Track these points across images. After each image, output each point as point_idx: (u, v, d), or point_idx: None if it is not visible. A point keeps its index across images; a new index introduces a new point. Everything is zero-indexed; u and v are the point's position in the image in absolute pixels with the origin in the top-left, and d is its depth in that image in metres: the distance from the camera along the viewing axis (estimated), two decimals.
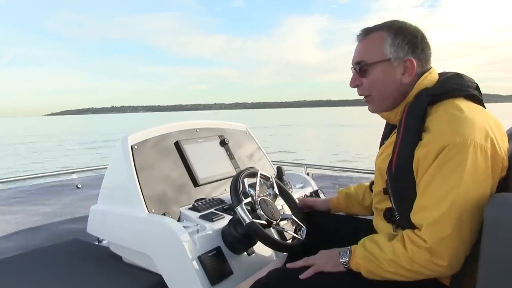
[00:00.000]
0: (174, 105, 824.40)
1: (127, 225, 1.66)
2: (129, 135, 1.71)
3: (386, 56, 1.24)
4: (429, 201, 1.07)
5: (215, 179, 1.94)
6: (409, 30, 1.24)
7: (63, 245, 2.12)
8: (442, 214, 1.03)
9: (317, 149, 20.95)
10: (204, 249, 1.46)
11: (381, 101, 1.30)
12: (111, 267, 1.76)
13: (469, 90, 1.20)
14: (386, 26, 1.26)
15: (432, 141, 1.08)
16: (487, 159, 1.05)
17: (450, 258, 1.04)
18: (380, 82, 1.27)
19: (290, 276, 1.27)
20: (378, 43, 1.25)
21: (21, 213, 2.66)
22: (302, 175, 2.43)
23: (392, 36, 1.23)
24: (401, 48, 1.22)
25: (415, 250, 1.07)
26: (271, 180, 1.72)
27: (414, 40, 1.23)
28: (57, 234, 2.66)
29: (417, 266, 1.08)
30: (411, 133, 1.14)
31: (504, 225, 0.93)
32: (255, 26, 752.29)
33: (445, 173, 1.05)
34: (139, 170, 1.65)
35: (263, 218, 1.45)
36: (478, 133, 1.05)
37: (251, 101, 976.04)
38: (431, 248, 1.04)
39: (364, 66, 1.28)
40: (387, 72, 1.25)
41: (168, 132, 1.89)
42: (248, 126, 2.42)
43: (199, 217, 1.63)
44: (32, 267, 1.78)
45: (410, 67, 1.23)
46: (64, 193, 2.87)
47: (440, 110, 1.13)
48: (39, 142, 31.16)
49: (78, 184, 2.89)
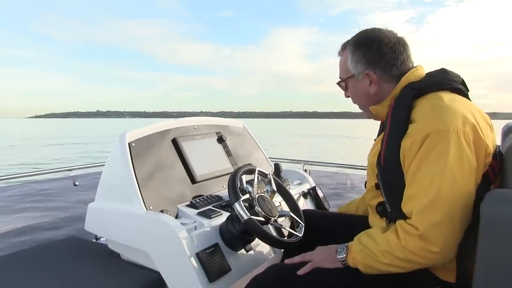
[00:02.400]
0: (160, 111, 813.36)
1: (125, 222, 1.66)
2: (127, 133, 1.71)
3: (351, 72, 1.37)
4: (417, 189, 1.10)
5: (213, 176, 1.95)
6: (364, 43, 1.32)
7: (61, 242, 2.12)
8: (430, 200, 1.06)
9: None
10: (202, 246, 1.46)
11: (364, 109, 1.42)
12: (109, 265, 1.76)
13: (453, 84, 1.24)
14: (350, 42, 1.37)
15: (416, 130, 1.12)
16: (469, 144, 1.08)
17: (442, 243, 1.05)
18: (355, 95, 1.41)
19: (287, 272, 1.28)
20: (344, 62, 1.39)
21: (18, 211, 2.65)
22: (299, 171, 2.43)
23: (350, 54, 1.35)
24: (359, 63, 1.33)
25: (407, 238, 1.09)
26: (268, 177, 1.72)
27: (369, 53, 1.30)
28: (55, 231, 2.66)
29: (411, 255, 1.09)
30: (398, 125, 1.18)
31: (501, 221, 0.94)
32: (244, 36, 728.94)
33: (430, 161, 1.08)
34: (137, 167, 1.65)
35: (260, 214, 1.46)
36: (460, 120, 1.09)
37: (238, 110, 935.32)
38: (422, 234, 1.06)
39: (342, 83, 1.44)
40: (356, 86, 1.38)
41: (166, 129, 1.89)
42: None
43: (197, 214, 1.64)
44: (30, 265, 1.78)
45: (372, 79, 1.32)
46: (61, 191, 2.87)
47: (424, 101, 1.18)
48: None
49: (76, 181, 2.88)
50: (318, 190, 2.24)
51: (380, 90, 1.32)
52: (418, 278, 1.18)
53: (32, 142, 33.76)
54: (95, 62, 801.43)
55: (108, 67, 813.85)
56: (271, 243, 1.53)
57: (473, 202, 1.07)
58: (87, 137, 38.85)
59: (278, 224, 1.56)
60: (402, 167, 1.16)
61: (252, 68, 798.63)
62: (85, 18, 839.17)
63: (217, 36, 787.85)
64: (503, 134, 1.47)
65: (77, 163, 3.92)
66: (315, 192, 2.22)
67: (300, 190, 2.18)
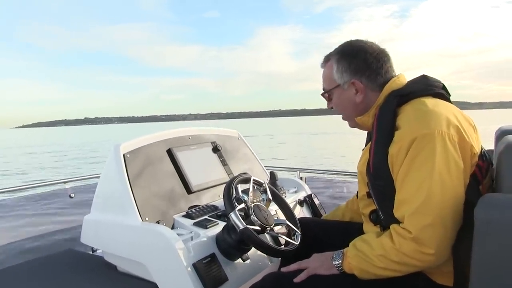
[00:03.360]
0: (148, 116, 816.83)
1: (121, 234, 1.65)
2: (121, 144, 1.71)
3: (336, 82, 1.37)
4: (407, 193, 1.11)
5: (208, 185, 1.95)
6: (349, 53, 1.34)
7: (58, 255, 2.10)
8: (420, 203, 1.07)
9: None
10: (198, 256, 1.46)
11: (349, 119, 1.43)
12: (106, 277, 1.75)
13: (434, 89, 1.26)
14: (334, 53, 1.38)
15: (402, 136, 1.13)
16: (455, 146, 1.10)
17: (436, 245, 1.06)
18: (340, 105, 1.41)
19: (284, 280, 1.27)
20: (329, 72, 1.39)
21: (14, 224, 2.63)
22: (295, 179, 2.44)
23: (336, 64, 1.36)
24: (345, 72, 1.34)
25: (401, 241, 1.10)
26: (264, 186, 1.72)
27: (354, 62, 1.32)
28: (51, 244, 2.64)
29: (405, 258, 1.10)
30: (384, 133, 1.19)
31: (494, 225, 0.95)
32: (230, 37, 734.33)
33: (418, 165, 1.09)
34: (132, 178, 1.65)
35: (256, 223, 1.46)
36: (444, 123, 1.11)
37: (226, 111, 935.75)
38: (416, 237, 1.07)
39: (326, 94, 1.44)
40: (341, 96, 1.38)
41: (160, 140, 1.89)
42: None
43: (193, 224, 1.63)
44: (27, 278, 1.77)
45: (358, 87, 1.33)
46: (57, 203, 2.86)
47: (408, 108, 1.20)
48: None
49: (71, 193, 2.87)
50: (314, 198, 2.24)
51: (366, 99, 1.34)
52: (414, 282, 1.18)
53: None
54: (82, 68, 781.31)
55: (95, 73, 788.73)
56: (267, 252, 1.52)
57: (463, 203, 1.08)
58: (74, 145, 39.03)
59: (275, 232, 1.56)
60: (392, 173, 1.17)
61: (239, 68, 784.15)
62: (70, 25, 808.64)
63: (203, 37, 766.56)
64: (496, 138, 1.48)
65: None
66: (311, 200, 2.22)
67: (296, 198, 2.19)
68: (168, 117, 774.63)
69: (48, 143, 49.10)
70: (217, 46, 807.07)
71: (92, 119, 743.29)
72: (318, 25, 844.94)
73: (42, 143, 51.02)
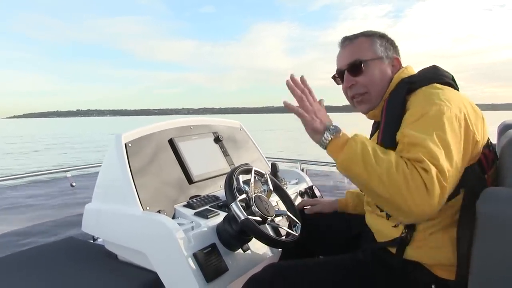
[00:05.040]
0: (141, 109, 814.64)
1: (122, 223, 1.65)
2: (123, 133, 1.71)
3: (379, 55, 1.35)
4: (420, 138, 1.02)
5: (210, 176, 1.95)
6: (380, 35, 1.39)
7: (59, 243, 2.11)
8: (439, 151, 0.99)
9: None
10: (199, 246, 1.46)
11: (378, 97, 1.34)
12: (106, 265, 1.76)
13: (444, 78, 1.25)
14: (367, 33, 1.38)
15: (410, 114, 1.12)
16: (461, 128, 1.06)
17: (442, 198, 0.97)
18: (377, 78, 1.34)
19: (285, 271, 1.28)
20: (369, 44, 1.36)
21: (15, 212, 2.64)
22: (296, 171, 2.43)
23: (379, 39, 1.37)
24: (389, 48, 1.37)
25: (416, 170, 0.97)
26: (265, 177, 1.72)
27: (394, 43, 1.40)
28: (52, 232, 2.65)
29: (408, 183, 0.96)
30: (393, 117, 1.18)
31: (496, 219, 0.95)
32: (225, 32, 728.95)
33: (428, 121, 1.05)
34: (133, 168, 1.65)
35: (257, 214, 1.46)
36: (453, 105, 1.09)
37: (219, 106, 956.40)
38: (438, 173, 0.96)
39: (360, 65, 1.33)
40: (381, 69, 1.34)
41: (162, 130, 1.89)
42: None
43: (193, 214, 1.64)
44: (27, 266, 1.78)
45: (397, 65, 1.37)
46: (58, 192, 2.86)
47: (418, 92, 1.19)
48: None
49: (73, 182, 2.88)
50: (315, 190, 2.24)
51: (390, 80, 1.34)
52: (415, 276, 1.18)
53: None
54: (75, 60, 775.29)
55: (89, 66, 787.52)
56: (268, 243, 1.53)
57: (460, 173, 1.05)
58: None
59: (275, 223, 1.56)
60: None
61: (233, 64, 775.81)
62: (64, 17, 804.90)
63: (198, 32, 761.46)
64: (499, 132, 1.47)
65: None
66: (312, 192, 2.22)
67: (297, 190, 2.19)
68: (161, 110, 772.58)
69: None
70: (212, 41, 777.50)
71: (84, 111, 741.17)
72: (313, 22, 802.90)
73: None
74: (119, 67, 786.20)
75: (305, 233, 1.57)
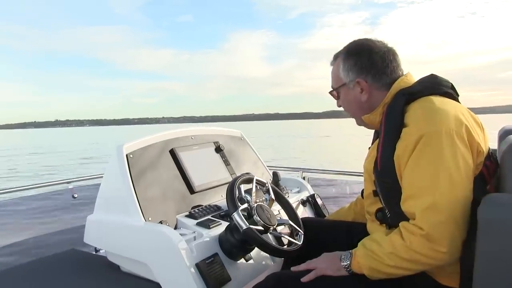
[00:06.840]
0: (121, 119, 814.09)
1: (124, 234, 1.65)
2: (124, 144, 1.71)
3: (343, 81, 1.39)
4: (417, 188, 1.10)
5: (211, 185, 1.95)
6: (355, 52, 1.36)
7: (61, 255, 2.11)
8: (433, 199, 1.06)
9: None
10: (201, 256, 1.46)
11: (356, 118, 1.44)
12: (109, 277, 1.75)
13: (443, 88, 1.26)
14: (342, 52, 1.40)
15: (409, 133, 1.13)
16: (464, 142, 1.10)
17: (449, 243, 1.05)
18: (346, 103, 1.44)
19: (288, 280, 1.27)
20: (336, 70, 1.42)
21: (17, 224, 2.64)
22: (298, 179, 2.43)
23: (342, 62, 1.38)
24: (350, 71, 1.36)
25: (412, 238, 1.08)
26: (267, 186, 1.72)
27: (360, 61, 1.34)
28: (54, 244, 2.64)
29: (416, 256, 1.08)
30: (392, 131, 1.19)
31: (497, 225, 0.95)
32: (203, 40, 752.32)
33: (426, 161, 1.09)
34: (135, 178, 1.65)
35: (259, 223, 1.46)
36: (452, 120, 1.11)
37: (199, 114, 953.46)
38: (428, 234, 1.05)
39: (333, 92, 1.46)
40: (348, 94, 1.40)
41: (163, 140, 1.90)
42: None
43: (195, 224, 1.64)
44: (30, 279, 1.77)
45: (363, 86, 1.35)
46: (60, 203, 2.86)
47: (416, 105, 1.19)
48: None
49: (75, 193, 2.88)
50: (317, 198, 2.24)
51: (372, 98, 1.34)
52: (419, 283, 1.18)
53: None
54: (53, 70, 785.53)
55: (67, 75, 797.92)
56: (270, 252, 1.52)
57: (471, 200, 1.07)
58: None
59: (277, 232, 1.56)
60: (397, 171, 1.17)
61: (212, 72, 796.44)
62: (41, 26, 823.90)
63: (177, 41, 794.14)
64: (499, 138, 1.48)
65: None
66: (314, 200, 2.22)
67: (299, 198, 2.19)
68: (141, 120, 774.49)
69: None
70: (190, 50, 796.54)
71: (63, 121, 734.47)
72: (291, 30, 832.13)
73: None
74: (97, 77, 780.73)
75: (307, 241, 1.57)
